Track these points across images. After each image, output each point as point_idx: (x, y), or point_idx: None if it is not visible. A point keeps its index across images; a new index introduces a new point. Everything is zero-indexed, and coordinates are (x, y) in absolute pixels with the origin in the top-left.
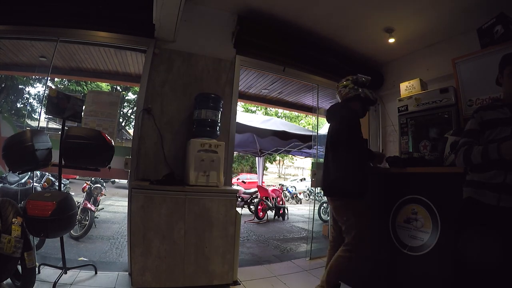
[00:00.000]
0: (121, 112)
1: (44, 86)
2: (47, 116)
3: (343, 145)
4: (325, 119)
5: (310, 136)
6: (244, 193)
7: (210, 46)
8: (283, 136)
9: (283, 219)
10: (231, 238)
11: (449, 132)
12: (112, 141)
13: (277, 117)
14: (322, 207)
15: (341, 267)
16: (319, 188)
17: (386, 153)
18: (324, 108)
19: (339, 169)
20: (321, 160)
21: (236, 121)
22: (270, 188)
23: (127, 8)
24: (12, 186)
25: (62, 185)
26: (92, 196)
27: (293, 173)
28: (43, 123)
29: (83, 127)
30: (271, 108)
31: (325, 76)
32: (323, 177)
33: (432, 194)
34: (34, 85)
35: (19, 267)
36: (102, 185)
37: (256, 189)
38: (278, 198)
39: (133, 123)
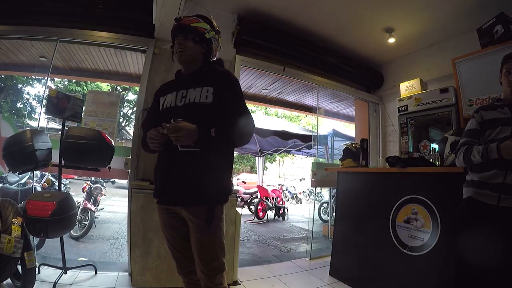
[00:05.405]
0: (121, 112)
1: (44, 86)
2: (47, 116)
3: None
4: (325, 119)
5: (310, 136)
6: (244, 193)
7: None
8: (283, 136)
9: (283, 219)
10: (231, 238)
11: (449, 132)
12: (112, 141)
13: (277, 117)
14: (322, 207)
15: None
16: (319, 188)
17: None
18: (324, 108)
19: None
20: (321, 160)
21: None
22: (270, 188)
23: (127, 8)
24: (12, 186)
25: (62, 185)
26: (92, 196)
27: (293, 173)
28: (43, 123)
29: (83, 127)
30: (271, 108)
31: (325, 76)
32: None
33: (432, 194)
34: (34, 85)
35: (19, 267)
36: (102, 185)
37: (256, 189)
38: (278, 198)
39: (133, 123)
